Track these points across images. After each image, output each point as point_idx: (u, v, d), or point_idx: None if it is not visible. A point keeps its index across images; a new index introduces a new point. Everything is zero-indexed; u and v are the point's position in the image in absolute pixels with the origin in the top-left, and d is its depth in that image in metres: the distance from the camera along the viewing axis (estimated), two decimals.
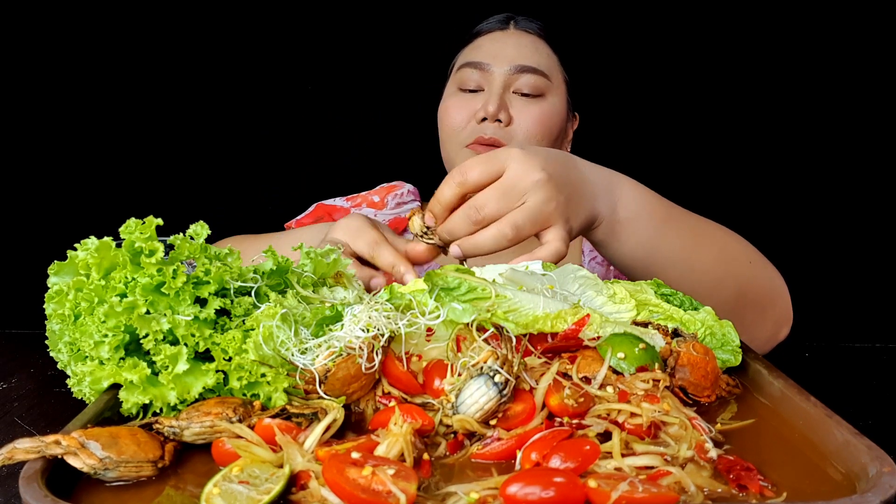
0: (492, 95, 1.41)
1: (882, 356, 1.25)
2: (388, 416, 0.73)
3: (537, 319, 0.85)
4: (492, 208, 0.93)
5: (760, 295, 1.18)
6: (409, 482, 0.60)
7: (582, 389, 0.77)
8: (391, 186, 1.69)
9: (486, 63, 1.44)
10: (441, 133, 1.51)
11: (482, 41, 1.49)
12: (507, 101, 1.42)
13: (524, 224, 0.92)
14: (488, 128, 1.40)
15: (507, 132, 1.41)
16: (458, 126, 1.44)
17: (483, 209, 0.93)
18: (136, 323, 0.78)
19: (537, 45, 1.47)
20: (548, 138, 1.44)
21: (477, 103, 1.43)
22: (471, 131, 1.43)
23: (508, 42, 1.47)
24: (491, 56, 1.45)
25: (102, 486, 0.66)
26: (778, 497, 0.63)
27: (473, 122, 1.43)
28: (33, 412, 0.96)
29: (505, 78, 1.42)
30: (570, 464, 0.65)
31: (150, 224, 0.83)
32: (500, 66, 1.43)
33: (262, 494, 0.60)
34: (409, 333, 0.83)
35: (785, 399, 0.81)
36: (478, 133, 1.41)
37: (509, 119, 1.41)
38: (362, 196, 1.67)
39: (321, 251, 0.95)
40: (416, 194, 1.68)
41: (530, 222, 0.93)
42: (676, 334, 0.89)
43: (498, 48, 1.46)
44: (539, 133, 1.42)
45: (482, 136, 1.40)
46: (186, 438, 0.72)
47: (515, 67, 1.42)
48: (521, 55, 1.44)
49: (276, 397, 0.78)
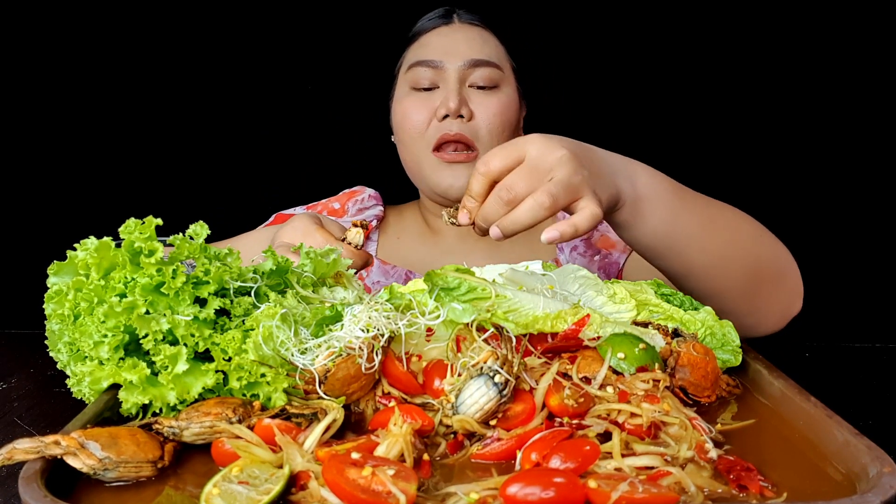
0: (450, 92, 1.39)
1: (882, 356, 1.25)
2: (387, 417, 0.73)
3: (537, 319, 0.85)
4: (522, 186, 0.94)
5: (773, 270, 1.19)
6: (409, 482, 0.60)
7: (582, 390, 0.77)
8: (352, 192, 1.67)
9: (439, 60, 1.42)
10: (401, 135, 1.48)
11: (428, 38, 1.47)
12: (466, 96, 1.41)
13: (558, 193, 0.92)
14: (452, 124, 1.39)
15: (469, 126, 1.40)
16: (420, 126, 1.42)
17: (514, 188, 0.94)
18: (136, 323, 0.78)
19: (485, 37, 1.46)
20: (508, 129, 1.44)
21: (435, 101, 1.41)
22: (434, 130, 1.41)
23: (457, 37, 1.45)
24: (442, 52, 1.43)
25: (102, 486, 0.66)
26: (778, 497, 0.63)
27: (435, 121, 1.41)
28: (33, 412, 0.96)
29: (460, 73, 1.41)
30: (570, 464, 0.65)
31: (149, 224, 0.83)
32: (454, 61, 1.41)
33: (261, 495, 0.60)
34: (409, 333, 0.83)
35: (785, 399, 0.81)
36: (442, 131, 1.39)
37: (470, 114, 1.40)
38: (322, 203, 1.66)
39: (321, 251, 0.95)
40: (377, 199, 1.66)
41: (563, 191, 0.93)
42: (676, 334, 0.89)
43: (447, 43, 1.44)
44: (500, 124, 1.42)
45: (447, 133, 1.39)
46: (186, 439, 0.72)
47: (469, 62, 1.41)
48: (472, 49, 1.43)
49: (275, 397, 0.78)
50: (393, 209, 1.68)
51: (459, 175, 1.40)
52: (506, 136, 1.43)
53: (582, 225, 0.91)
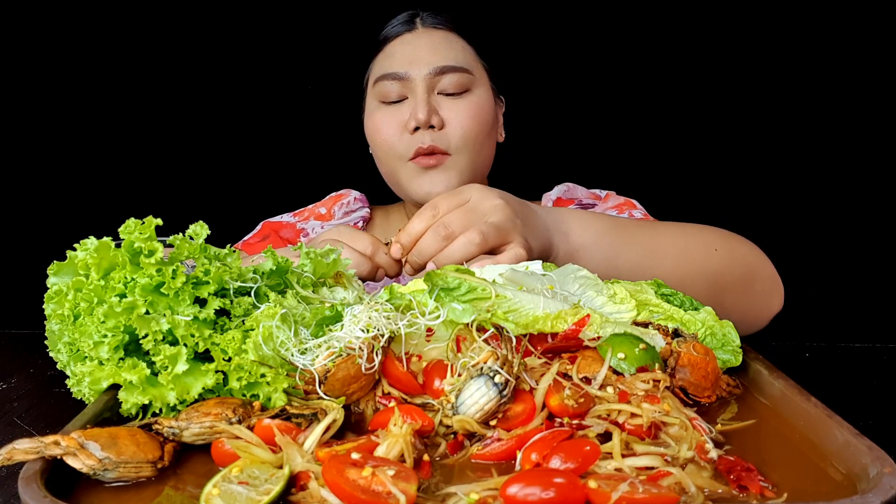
0: (418, 103, 1.36)
1: (882, 356, 1.25)
2: (387, 417, 0.73)
3: (537, 320, 0.85)
4: (457, 224, 1.01)
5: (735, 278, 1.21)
6: (409, 483, 0.60)
7: (582, 390, 0.77)
8: (338, 196, 1.67)
9: (404, 71, 1.39)
10: (375, 150, 1.47)
11: (392, 48, 1.44)
12: (435, 105, 1.38)
13: (489, 233, 1.00)
14: (425, 136, 1.36)
15: (442, 135, 1.38)
16: (392, 139, 1.40)
17: (450, 225, 1.01)
18: (136, 323, 0.78)
19: (450, 41, 1.43)
20: (483, 131, 1.42)
21: (404, 113, 1.39)
22: (407, 143, 1.39)
23: (420, 44, 1.42)
24: (406, 63, 1.40)
25: (102, 486, 0.66)
26: (778, 498, 0.63)
27: (406, 134, 1.39)
28: (33, 412, 0.96)
29: (427, 81, 1.38)
30: (570, 464, 0.65)
31: (149, 224, 0.83)
32: (419, 70, 1.38)
33: (261, 495, 0.60)
34: (409, 334, 0.83)
35: (785, 399, 0.81)
36: (416, 144, 1.37)
37: (441, 122, 1.38)
38: (309, 209, 1.65)
39: (321, 251, 0.95)
40: (363, 201, 1.66)
41: (494, 233, 1.01)
42: (677, 334, 0.89)
43: (411, 52, 1.41)
44: (474, 128, 1.39)
45: (420, 146, 1.37)
46: (186, 439, 0.72)
47: (435, 69, 1.38)
48: (436, 55, 1.40)
49: (275, 398, 0.78)
50: (379, 210, 1.69)
51: (436, 181, 1.39)
52: (482, 138, 1.42)
53: (502, 261, 0.99)
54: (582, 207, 1.54)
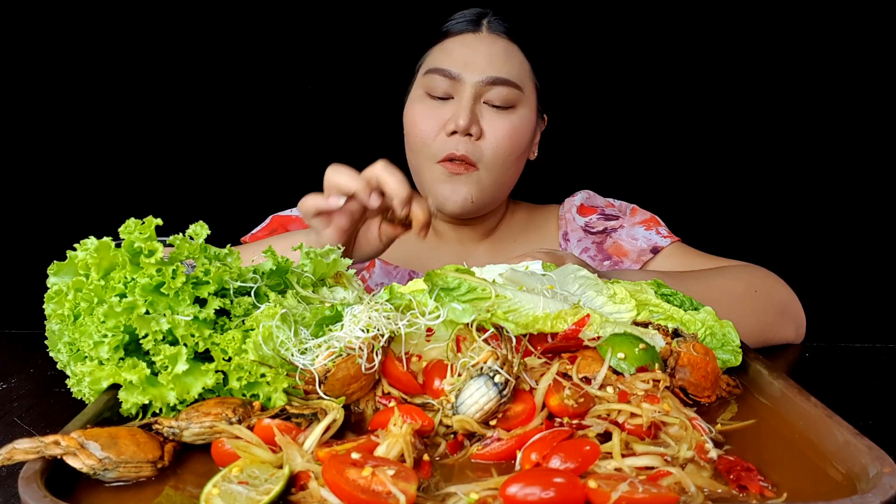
0: (462, 108, 1.35)
1: (882, 356, 1.25)
2: (387, 417, 0.73)
3: (537, 320, 0.85)
4: None
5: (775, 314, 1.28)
6: (409, 483, 0.60)
7: (582, 390, 0.77)
8: None
9: (457, 72, 1.37)
10: (408, 139, 1.46)
11: (452, 44, 1.42)
12: (478, 113, 1.38)
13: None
14: (460, 143, 1.35)
15: (476, 147, 1.37)
16: (427, 137, 1.39)
17: None
18: (136, 323, 0.78)
19: (510, 53, 1.41)
20: (516, 152, 1.41)
21: (446, 113, 1.38)
22: (441, 145, 1.38)
23: (480, 49, 1.39)
24: (461, 64, 1.38)
25: (102, 486, 0.66)
26: (778, 497, 0.63)
27: (443, 134, 1.38)
28: (33, 412, 0.96)
29: (476, 89, 1.36)
30: (570, 464, 0.65)
31: (149, 224, 0.83)
32: (472, 76, 1.37)
33: (261, 495, 0.60)
34: (409, 334, 0.83)
35: (785, 399, 0.81)
36: (449, 149, 1.36)
37: (480, 133, 1.37)
38: None
39: (321, 251, 0.95)
40: None
41: None
42: (677, 334, 0.89)
43: (469, 55, 1.39)
44: (508, 147, 1.39)
45: (454, 152, 1.36)
46: (186, 439, 0.72)
47: (487, 79, 1.36)
48: (493, 65, 1.38)
49: (275, 398, 0.78)
50: None
51: (458, 189, 1.38)
52: (513, 159, 1.41)
53: None
54: (602, 217, 1.53)
